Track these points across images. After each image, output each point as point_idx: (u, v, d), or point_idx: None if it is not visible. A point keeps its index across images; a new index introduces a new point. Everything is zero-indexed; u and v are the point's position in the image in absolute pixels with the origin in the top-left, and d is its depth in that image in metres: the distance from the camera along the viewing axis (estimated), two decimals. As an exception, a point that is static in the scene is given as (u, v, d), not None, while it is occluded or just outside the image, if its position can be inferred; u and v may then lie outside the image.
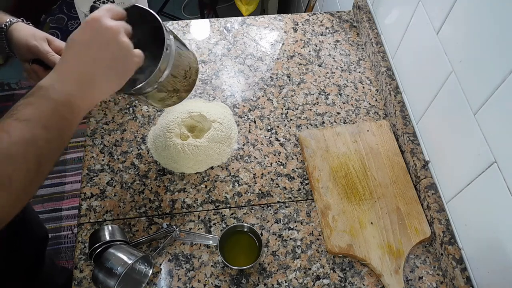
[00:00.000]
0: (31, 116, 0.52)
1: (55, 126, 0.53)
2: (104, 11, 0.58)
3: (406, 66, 0.93)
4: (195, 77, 0.77)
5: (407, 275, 0.77)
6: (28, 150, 0.50)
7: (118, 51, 0.57)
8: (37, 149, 0.51)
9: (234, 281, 0.76)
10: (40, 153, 0.52)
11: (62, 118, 0.54)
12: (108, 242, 0.71)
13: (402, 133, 0.89)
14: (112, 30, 0.57)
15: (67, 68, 0.56)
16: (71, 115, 0.55)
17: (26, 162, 0.50)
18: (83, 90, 0.56)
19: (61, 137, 0.55)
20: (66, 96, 0.54)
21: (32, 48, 0.72)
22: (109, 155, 0.89)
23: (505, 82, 0.59)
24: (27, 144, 0.50)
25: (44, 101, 0.53)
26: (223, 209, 0.83)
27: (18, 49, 0.74)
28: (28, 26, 0.76)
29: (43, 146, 0.52)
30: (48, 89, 0.54)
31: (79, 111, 0.56)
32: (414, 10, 0.84)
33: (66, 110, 0.54)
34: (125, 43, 0.58)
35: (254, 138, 0.92)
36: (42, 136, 0.52)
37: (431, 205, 0.80)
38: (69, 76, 0.56)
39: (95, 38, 0.56)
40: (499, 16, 0.60)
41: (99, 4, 0.86)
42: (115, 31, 0.57)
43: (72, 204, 1.78)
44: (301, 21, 1.13)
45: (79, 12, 0.88)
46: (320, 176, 0.86)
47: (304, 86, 1.01)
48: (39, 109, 0.52)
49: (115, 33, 0.57)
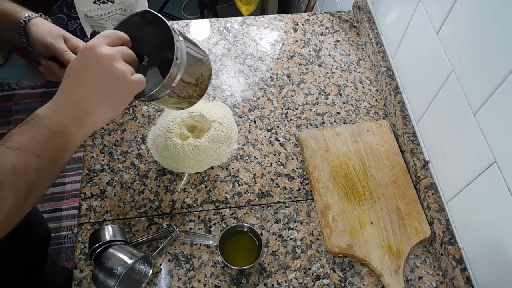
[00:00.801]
0: (23, 144, 0.52)
1: (48, 155, 0.53)
2: (100, 39, 0.58)
3: (406, 66, 0.93)
4: (207, 83, 0.75)
5: (407, 275, 0.77)
6: (18, 178, 0.51)
7: (113, 80, 0.57)
8: (28, 178, 0.51)
9: (234, 281, 0.76)
10: (31, 182, 0.52)
11: (56, 148, 0.54)
12: (108, 242, 0.71)
13: (402, 133, 0.89)
14: (106, 59, 0.56)
15: (63, 98, 0.56)
16: (65, 144, 0.55)
17: (15, 190, 0.50)
18: (78, 120, 0.56)
19: (54, 166, 0.55)
20: (61, 126, 0.55)
21: (48, 46, 0.72)
22: (109, 155, 0.89)
23: (505, 82, 0.59)
24: (17, 173, 0.51)
25: (39, 129, 0.53)
26: (223, 209, 0.83)
27: (35, 45, 0.75)
28: (46, 22, 0.76)
29: (34, 175, 0.52)
30: (43, 119, 0.54)
31: (74, 140, 0.56)
32: (414, 10, 0.84)
33: (61, 139, 0.54)
34: (120, 71, 0.57)
35: (254, 138, 0.92)
36: (34, 165, 0.52)
37: (431, 205, 0.80)
38: (64, 106, 0.56)
39: (89, 67, 0.56)
40: (499, 16, 0.60)
41: (99, 4, 0.86)
42: (110, 59, 0.56)
43: (72, 204, 1.78)
44: (301, 21, 1.13)
45: (79, 12, 0.88)
46: (320, 176, 0.86)
47: (304, 86, 1.01)
48: (32, 138, 0.53)
49: (110, 61, 0.56)
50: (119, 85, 0.57)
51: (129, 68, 0.59)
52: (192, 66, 0.69)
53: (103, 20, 0.89)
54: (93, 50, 0.56)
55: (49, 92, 2.10)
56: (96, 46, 0.56)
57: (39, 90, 2.11)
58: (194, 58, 0.70)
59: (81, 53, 0.57)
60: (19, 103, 2.07)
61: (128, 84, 0.58)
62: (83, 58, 0.57)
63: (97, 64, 0.56)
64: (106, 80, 0.57)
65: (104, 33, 0.59)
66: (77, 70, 0.57)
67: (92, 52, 0.56)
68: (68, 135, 0.55)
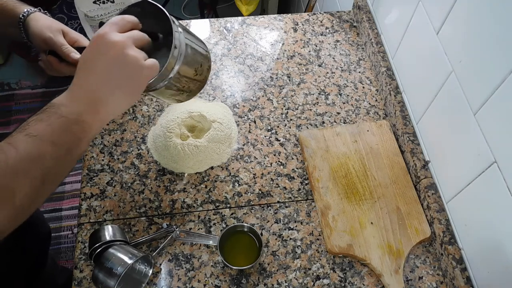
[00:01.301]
0: (40, 132, 0.52)
1: (64, 143, 0.53)
2: (110, 26, 0.57)
3: (406, 66, 0.93)
4: (206, 74, 0.75)
5: (407, 275, 0.77)
6: (34, 166, 0.50)
7: (125, 67, 0.56)
8: (43, 166, 0.51)
9: (234, 281, 0.76)
10: (46, 170, 0.52)
11: (72, 136, 0.54)
12: (108, 242, 0.71)
13: (402, 133, 0.89)
14: (117, 46, 0.55)
15: (77, 88, 0.56)
16: (81, 133, 0.55)
17: (31, 178, 0.50)
18: (93, 109, 0.56)
19: (70, 155, 0.54)
20: (77, 115, 0.54)
21: (47, 40, 0.72)
22: (109, 155, 0.89)
23: (505, 82, 0.59)
24: (34, 160, 0.50)
25: (55, 118, 0.53)
26: (223, 209, 0.83)
27: (34, 39, 0.74)
28: (45, 16, 0.75)
29: (50, 163, 0.52)
30: (60, 107, 0.54)
31: (90, 130, 0.56)
32: (414, 10, 0.84)
33: (77, 128, 0.54)
34: (132, 57, 0.56)
35: (254, 138, 0.92)
36: (50, 152, 0.52)
37: (431, 205, 0.80)
38: (79, 96, 0.55)
39: (101, 55, 0.56)
40: (499, 16, 0.60)
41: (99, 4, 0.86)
42: (121, 46, 0.56)
43: (72, 204, 1.78)
44: (301, 21, 1.13)
45: (79, 12, 0.88)
46: (320, 176, 0.86)
47: (304, 86, 1.01)
48: (49, 126, 0.52)
49: (121, 48, 0.55)
50: (132, 71, 0.57)
51: (141, 53, 0.58)
52: (191, 57, 0.68)
53: (103, 20, 0.89)
54: (103, 37, 0.55)
55: (49, 92, 2.10)
56: (107, 34, 0.56)
57: (39, 90, 2.11)
58: (193, 49, 0.69)
59: (92, 42, 0.57)
60: (19, 103, 2.07)
61: (141, 70, 0.57)
62: (95, 47, 0.56)
63: (108, 52, 0.55)
64: (118, 67, 0.56)
65: (112, 20, 0.58)
66: (89, 59, 0.56)
67: (102, 39, 0.55)
68: (84, 123, 0.55)
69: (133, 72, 0.57)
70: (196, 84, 0.74)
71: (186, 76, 0.69)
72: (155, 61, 0.59)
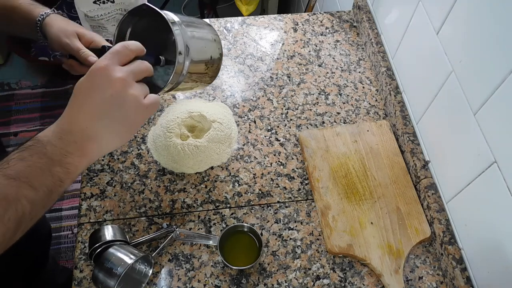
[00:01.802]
0: (20, 173, 0.48)
1: (44, 186, 0.49)
2: (111, 57, 0.53)
3: (406, 66, 0.93)
4: (218, 63, 0.73)
5: (407, 275, 0.77)
6: (9, 210, 0.47)
7: (123, 106, 0.53)
8: (19, 210, 0.48)
9: (234, 281, 0.76)
10: (22, 214, 0.48)
11: (53, 178, 0.50)
12: (108, 242, 0.71)
13: (402, 133, 0.89)
14: (117, 84, 0.52)
15: (67, 122, 0.52)
16: (65, 175, 0.51)
17: (5, 222, 0.47)
18: (81, 150, 0.52)
19: (49, 198, 0.50)
20: (62, 156, 0.50)
21: (64, 46, 0.71)
22: (109, 155, 0.89)
23: (505, 82, 0.59)
24: (9, 204, 0.47)
25: (38, 158, 0.49)
26: (223, 209, 0.83)
27: (52, 45, 0.74)
28: (59, 19, 0.74)
29: (27, 207, 0.48)
30: (45, 145, 0.50)
31: (75, 170, 0.52)
32: (414, 10, 0.84)
33: (60, 170, 0.50)
34: (132, 96, 0.53)
35: (254, 138, 0.92)
36: (28, 196, 0.48)
37: (431, 205, 0.80)
38: (68, 132, 0.51)
39: (99, 91, 0.52)
40: (499, 16, 0.60)
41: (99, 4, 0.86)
42: (121, 84, 0.52)
43: (72, 204, 1.78)
44: (301, 21, 1.13)
45: (79, 12, 0.88)
46: (320, 176, 0.86)
47: (304, 86, 1.01)
48: (29, 167, 0.48)
49: (121, 86, 0.52)
50: (130, 111, 0.53)
51: (142, 90, 0.55)
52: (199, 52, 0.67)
53: (103, 20, 0.89)
54: (103, 72, 0.52)
55: (49, 92, 2.10)
56: (107, 68, 0.52)
57: (39, 90, 2.11)
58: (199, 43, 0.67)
59: (90, 74, 0.53)
60: (19, 103, 2.08)
61: (140, 110, 0.54)
62: (92, 80, 0.52)
63: (107, 89, 0.52)
64: (116, 106, 0.52)
65: (115, 49, 0.54)
66: (85, 92, 0.52)
67: (102, 74, 0.52)
68: (69, 165, 0.51)
69: (131, 112, 0.54)
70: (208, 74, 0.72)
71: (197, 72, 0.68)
72: (156, 98, 0.56)
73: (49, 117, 2.03)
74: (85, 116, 0.52)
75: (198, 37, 0.68)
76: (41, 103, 2.07)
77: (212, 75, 0.74)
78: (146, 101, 0.55)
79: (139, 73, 0.55)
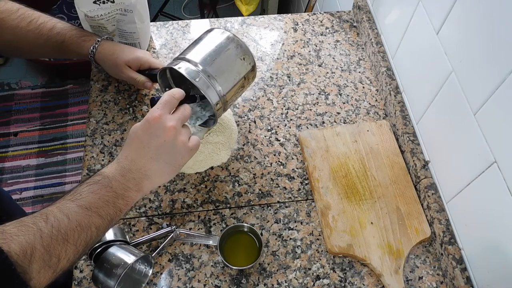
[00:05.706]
0: (92, 204, 0.56)
1: (109, 216, 0.58)
2: (163, 107, 0.63)
3: (406, 66, 0.93)
4: (253, 73, 0.80)
5: (407, 275, 0.77)
6: (82, 236, 0.55)
7: (174, 149, 0.63)
8: (88, 235, 0.56)
9: (234, 281, 0.76)
10: (90, 239, 0.56)
11: (115, 209, 0.59)
12: (108, 242, 0.71)
13: (402, 133, 0.89)
14: (170, 132, 0.62)
15: (128, 163, 0.61)
16: (124, 206, 0.60)
17: (77, 246, 0.55)
18: (139, 184, 0.61)
19: (110, 224, 0.59)
20: (124, 189, 0.60)
21: (121, 78, 0.91)
22: (109, 155, 0.89)
23: (505, 82, 0.59)
24: (82, 230, 0.55)
25: (106, 191, 0.58)
26: (223, 209, 0.83)
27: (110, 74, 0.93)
28: (107, 50, 0.87)
29: (94, 232, 0.57)
30: (111, 181, 0.59)
31: (131, 202, 0.61)
32: (414, 10, 0.84)
33: (122, 202, 0.59)
34: (181, 142, 0.63)
35: (254, 138, 0.92)
36: (96, 224, 0.56)
37: (431, 205, 0.80)
38: (129, 171, 0.60)
39: (155, 138, 0.61)
40: (499, 16, 0.60)
41: (99, 4, 0.86)
42: (173, 132, 0.62)
43: (72, 204, 1.78)
44: (301, 21, 1.13)
45: (79, 12, 0.88)
46: (320, 176, 0.86)
47: (304, 86, 1.01)
48: (100, 199, 0.57)
49: (173, 134, 0.62)
50: (179, 155, 0.63)
51: (187, 133, 0.65)
52: (231, 82, 0.75)
53: (103, 20, 0.88)
54: (158, 121, 0.61)
55: (49, 92, 2.10)
56: (161, 118, 0.62)
57: (39, 90, 2.11)
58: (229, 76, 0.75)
59: (147, 121, 0.62)
60: (19, 103, 2.08)
61: (186, 153, 0.64)
62: (149, 128, 0.62)
63: (161, 136, 0.61)
64: (169, 151, 0.62)
65: (164, 100, 0.64)
66: (142, 138, 0.62)
67: (157, 123, 0.61)
68: (128, 198, 0.60)
69: (180, 154, 0.64)
70: (248, 85, 0.82)
71: (237, 92, 0.78)
72: (197, 140, 0.66)
73: (49, 117, 2.03)
74: (142, 158, 0.61)
75: (226, 70, 0.75)
76: (41, 103, 2.07)
77: (251, 82, 0.82)
78: (190, 144, 0.65)
79: (184, 119, 0.65)
